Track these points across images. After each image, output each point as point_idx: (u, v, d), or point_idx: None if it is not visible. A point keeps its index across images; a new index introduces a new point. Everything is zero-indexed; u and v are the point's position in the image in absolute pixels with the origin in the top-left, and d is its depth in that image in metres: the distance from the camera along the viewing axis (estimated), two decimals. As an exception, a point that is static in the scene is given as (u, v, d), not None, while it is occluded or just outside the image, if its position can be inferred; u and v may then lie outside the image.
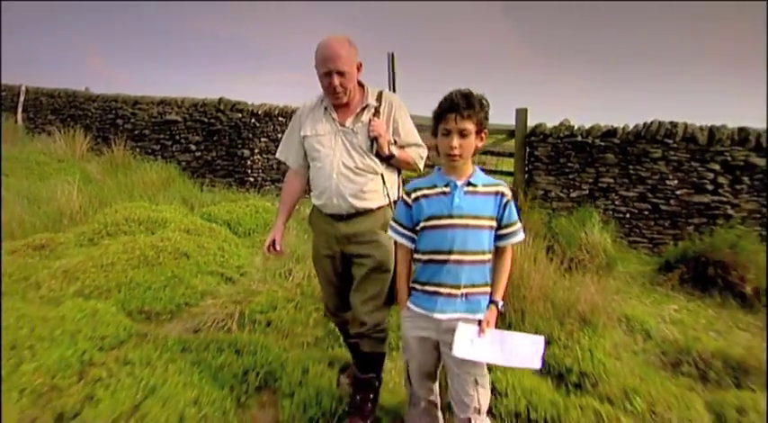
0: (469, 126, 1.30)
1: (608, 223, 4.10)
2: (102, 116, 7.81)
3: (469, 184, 1.36)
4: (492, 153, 5.54)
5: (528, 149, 4.91)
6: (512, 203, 1.40)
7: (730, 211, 4.08)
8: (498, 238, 1.38)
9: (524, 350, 1.32)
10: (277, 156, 1.88)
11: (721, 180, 4.11)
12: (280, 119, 6.23)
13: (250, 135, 6.31)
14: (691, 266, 3.44)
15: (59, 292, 2.55)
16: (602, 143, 4.47)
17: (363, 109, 1.65)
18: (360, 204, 1.62)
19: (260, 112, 6.28)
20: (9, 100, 9.08)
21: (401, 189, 1.71)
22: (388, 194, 1.68)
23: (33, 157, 6.86)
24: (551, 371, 2.09)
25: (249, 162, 6.30)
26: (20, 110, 8.82)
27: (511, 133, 5.06)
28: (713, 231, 3.70)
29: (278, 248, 1.77)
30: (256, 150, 6.29)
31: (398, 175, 1.76)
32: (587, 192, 4.55)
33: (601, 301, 2.62)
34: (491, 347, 1.32)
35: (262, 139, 6.28)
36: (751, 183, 4.07)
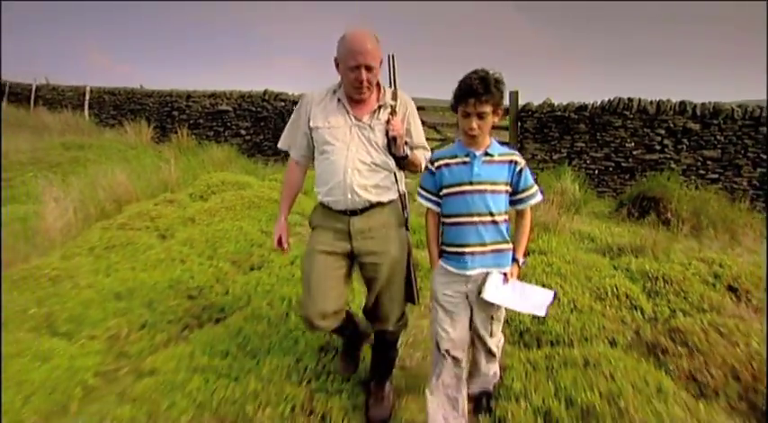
0: (487, 109, 1.43)
1: (578, 177, 5.38)
2: (159, 109, 9.19)
3: (487, 154, 1.49)
4: (492, 127, 6.81)
5: (519, 123, 6.18)
6: (526, 170, 1.52)
7: (673, 166, 5.33)
8: (517, 202, 1.53)
9: (536, 300, 1.51)
10: (279, 145, 1.82)
11: (666, 142, 5.36)
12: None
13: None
14: (635, 203, 4.73)
15: (210, 220, 3.92)
16: (576, 116, 5.73)
17: (380, 107, 1.62)
18: (374, 198, 1.61)
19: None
20: (76, 99, 10.50)
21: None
22: (398, 189, 1.68)
23: (109, 144, 8.27)
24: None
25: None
26: (86, 107, 10.24)
27: (506, 110, 6.32)
28: (653, 178, 4.97)
29: (284, 246, 1.75)
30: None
31: (403, 171, 1.75)
32: (565, 154, 5.83)
33: (561, 220, 3.95)
34: (511, 295, 1.49)
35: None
36: (689, 143, 5.31)
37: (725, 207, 4.44)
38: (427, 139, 1.85)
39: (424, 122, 1.92)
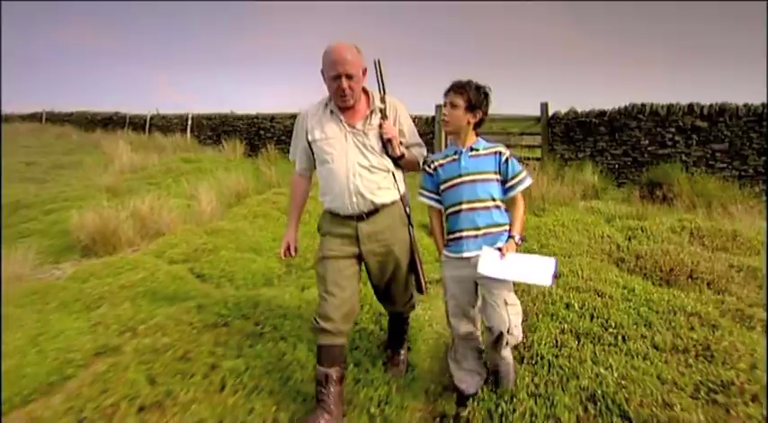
0: (459, 101, 1.63)
1: (598, 170, 6.45)
2: (248, 129, 11.26)
3: (472, 149, 1.67)
4: (527, 133, 8.01)
5: (549, 128, 7.35)
6: (512, 159, 1.66)
7: (684, 158, 6.25)
8: (509, 188, 1.67)
9: (538, 269, 1.54)
10: (290, 157, 1.95)
11: (677, 138, 6.31)
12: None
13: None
14: (645, 188, 5.75)
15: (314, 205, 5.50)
16: (597, 120, 6.82)
17: (371, 112, 1.71)
18: (378, 200, 1.70)
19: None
20: (180, 124, 12.95)
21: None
22: (398, 189, 1.76)
23: (212, 158, 10.36)
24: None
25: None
26: (188, 130, 12.63)
27: (538, 119, 7.53)
28: (660, 167, 5.95)
29: (293, 253, 1.87)
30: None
31: (402, 172, 1.83)
32: (589, 153, 6.91)
33: (575, 199, 5.12)
34: (510, 268, 1.54)
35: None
36: (698, 139, 6.22)
37: (721, 188, 5.36)
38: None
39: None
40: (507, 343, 1.64)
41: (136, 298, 2.89)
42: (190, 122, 12.63)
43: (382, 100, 1.72)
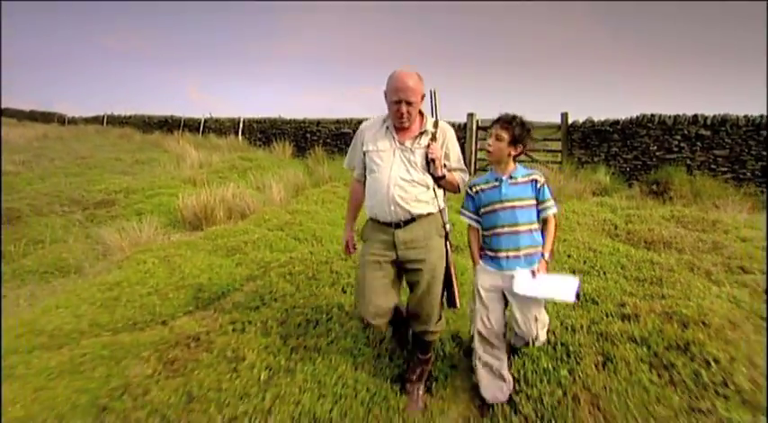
0: (504, 134, 1.83)
1: (610, 172, 7.36)
2: (295, 132, 12.58)
3: (511, 177, 1.86)
4: (549, 139, 8.98)
5: (568, 135, 8.30)
6: (545, 187, 1.86)
7: (689, 162, 7.10)
8: (539, 212, 1.87)
9: (564, 288, 1.73)
10: (345, 165, 2.17)
11: (682, 144, 7.17)
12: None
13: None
14: (650, 187, 6.64)
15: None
16: (610, 128, 7.74)
17: (422, 133, 1.88)
18: (414, 210, 1.85)
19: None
20: (232, 127, 14.44)
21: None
22: (437, 204, 1.91)
23: (265, 157, 11.68)
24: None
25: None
26: (240, 132, 14.09)
27: (559, 127, 8.49)
28: (663, 169, 6.83)
29: (351, 250, 2.13)
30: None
31: (444, 191, 1.98)
32: (603, 157, 7.83)
33: (588, 193, 6.08)
34: (541, 286, 1.74)
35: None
36: (701, 145, 7.06)
37: (718, 188, 6.21)
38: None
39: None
40: (533, 345, 1.96)
41: (259, 249, 4.09)
42: (241, 126, 14.10)
43: (435, 125, 1.92)
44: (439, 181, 1.90)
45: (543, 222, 1.89)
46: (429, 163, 1.86)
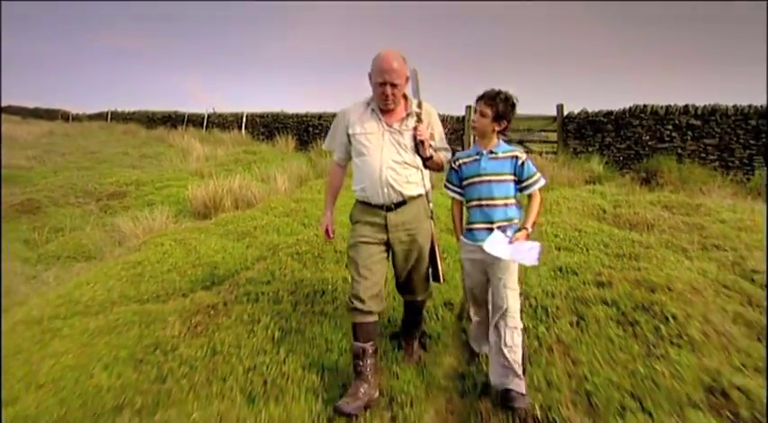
0: (487, 111, 1.87)
1: (604, 161, 7.60)
2: (298, 127, 12.83)
3: (492, 152, 1.91)
4: (545, 130, 9.20)
5: (563, 126, 8.53)
6: (528, 162, 1.90)
7: (680, 151, 7.33)
8: (524, 188, 1.91)
9: (529, 253, 1.78)
10: (324, 146, 2.24)
11: (674, 134, 7.39)
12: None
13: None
14: (641, 175, 6.88)
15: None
16: (604, 119, 7.97)
17: (408, 115, 1.93)
18: (406, 192, 1.92)
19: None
20: (235, 121, 14.70)
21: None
22: (424, 185, 2.00)
23: (268, 151, 11.94)
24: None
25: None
26: (243, 127, 14.35)
27: (554, 118, 8.72)
28: (654, 158, 7.07)
29: (330, 235, 2.13)
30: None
31: (429, 171, 2.03)
32: (597, 147, 8.06)
33: (581, 181, 6.33)
34: (508, 249, 1.79)
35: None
36: (692, 134, 7.29)
37: (706, 175, 6.45)
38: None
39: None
40: (507, 325, 1.81)
41: (268, 233, 4.37)
42: (244, 120, 14.36)
43: (419, 106, 1.94)
44: (426, 161, 1.94)
45: (528, 197, 1.94)
46: (417, 144, 1.90)
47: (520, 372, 1.79)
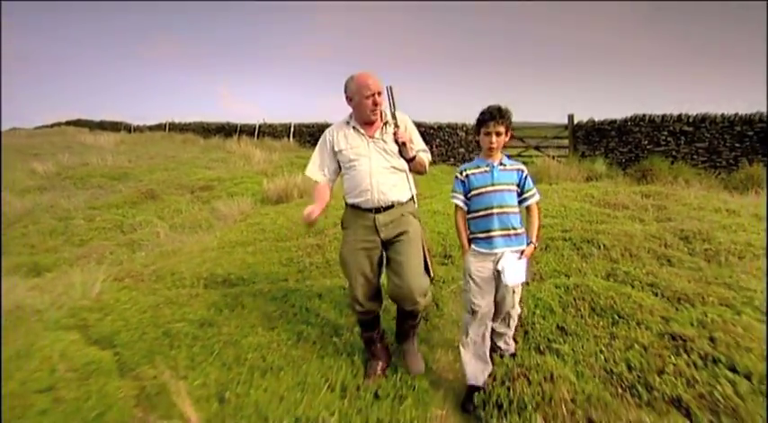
0: (502, 129, 1.98)
1: (607, 162, 8.85)
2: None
3: (501, 164, 2.04)
4: (558, 137, 10.52)
5: (574, 133, 9.83)
6: (528, 176, 2.05)
7: (674, 154, 8.49)
8: (522, 200, 2.05)
9: (526, 271, 1.99)
10: (306, 173, 2.29)
11: (669, 139, 8.57)
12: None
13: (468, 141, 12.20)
14: (639, 174, 8.10)
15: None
16: (609, 126, 9.24)
17: (385, 123, 2.11)
18: (395, 197, 2.08)
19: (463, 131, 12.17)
20: (284, 131, 16.66)
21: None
22: (410, 188, 2.14)
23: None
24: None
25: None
26: (291, 135, 16.27)
27: (566, 127, 10.03)
28: (649, 159, 8.28)
29: (313, 215, 2.04)
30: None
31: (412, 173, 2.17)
32: (602, 150, 9.32)
33: (582, 178, 7.65)
34: (521, 271, 1.95)
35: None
36: (685, 139, 8.45)
37: (692, 173, 7.62)
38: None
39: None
40: (512, 318, 2.12)
41: (336, 210, 5.98)
42: (292, 129, 16.29)
43: (393, 116, 2.09)
44: (410, 162, 2.10)
45: (528, 210, 2.07)
46: (400, 147, 2.05)
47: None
